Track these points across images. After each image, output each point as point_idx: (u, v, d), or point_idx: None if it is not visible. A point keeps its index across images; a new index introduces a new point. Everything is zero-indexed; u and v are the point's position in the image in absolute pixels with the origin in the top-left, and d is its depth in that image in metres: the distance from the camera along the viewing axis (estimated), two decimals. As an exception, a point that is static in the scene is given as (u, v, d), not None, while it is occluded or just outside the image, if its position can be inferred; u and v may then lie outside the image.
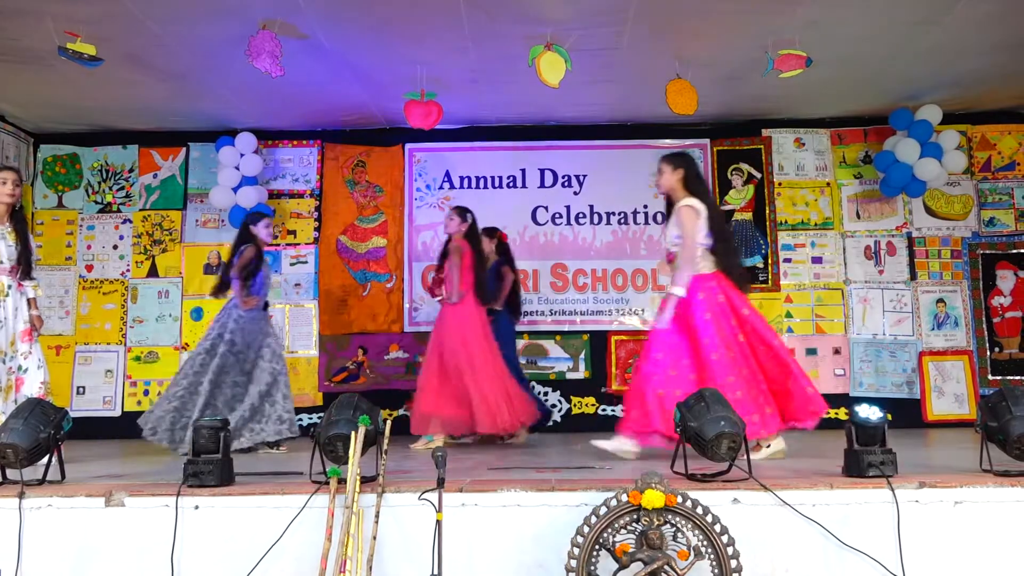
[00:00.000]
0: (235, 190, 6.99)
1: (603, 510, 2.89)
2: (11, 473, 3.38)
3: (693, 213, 4.25)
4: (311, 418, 6.91)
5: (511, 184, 7.42)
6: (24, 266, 4.69)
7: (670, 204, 4.47)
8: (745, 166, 7.40)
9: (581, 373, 7.20)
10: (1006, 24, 5.43)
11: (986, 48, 5.81)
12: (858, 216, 7.30)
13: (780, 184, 7.36)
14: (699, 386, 3.86)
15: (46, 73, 5.84)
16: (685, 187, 4.34)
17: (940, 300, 7.15)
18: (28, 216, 7.27)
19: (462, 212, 5.78)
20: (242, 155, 7.04)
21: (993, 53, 5.89)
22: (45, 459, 3.41)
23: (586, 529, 2.87)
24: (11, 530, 3.16)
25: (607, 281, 7.30)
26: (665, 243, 4.48)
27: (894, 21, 5.39)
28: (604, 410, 7.12)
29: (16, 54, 5.57)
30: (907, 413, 6.81)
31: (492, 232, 6.29)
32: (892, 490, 3.07)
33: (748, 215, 7.33)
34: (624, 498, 2.88)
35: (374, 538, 2.98)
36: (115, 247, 7.35)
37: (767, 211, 7.33)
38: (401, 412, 6.94)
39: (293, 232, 7.39)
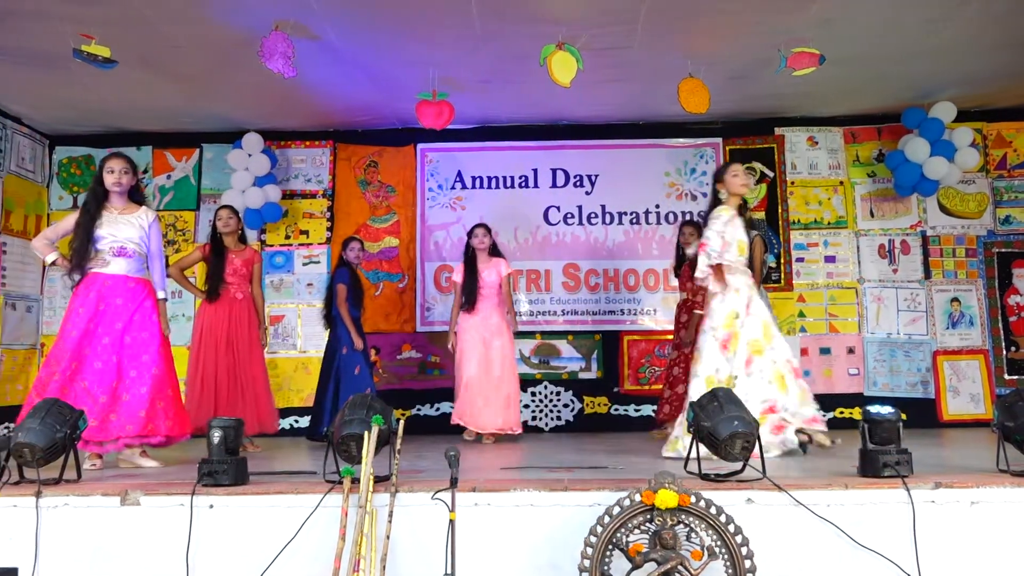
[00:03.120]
0: (244, 192, 7.00)
1: (616, 510, 2.89)
2: (28, 472, 3.41)
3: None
4: (324, 418, 6.92)
5: (523, 184, 7.42)
6: None
7: None
8: (758, 165, 7.36)
9: (594, 373, 7.19)
10: (1021, 20, 5.38)
11: (1000, 45, 5.76)
12: (872, 215, 7.26)
13: (793, 183, 7.33)
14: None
15: (61, 75, 5.88)
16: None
17: (955, 299, 7.10)
18: (44, 216, 7.35)
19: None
20: (249, 155, 7.04)
21: (1008, 50, 5.84)
22: (61, 458, 3.44)
23: (599, 529, 2.86)
24: (28, 529, 3.19)
25: (619, 281, 7.28)
26: None
27: (908, 18, 5.35)
28: (617, 410, 7.11)
29: (32, 57, 5.61)
30: (922, 413, 6.77)
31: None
32: (908, 490, 3.06)
33: (761, 214, 7.28)
34: (637, 498, 2.87)
35: (388, 537, 2.99)
36: (129, 248, 7.37)
37: (780, 210, 7.30)
38: (414, 412, 7.00)
39: (306, 232, 7.41)
